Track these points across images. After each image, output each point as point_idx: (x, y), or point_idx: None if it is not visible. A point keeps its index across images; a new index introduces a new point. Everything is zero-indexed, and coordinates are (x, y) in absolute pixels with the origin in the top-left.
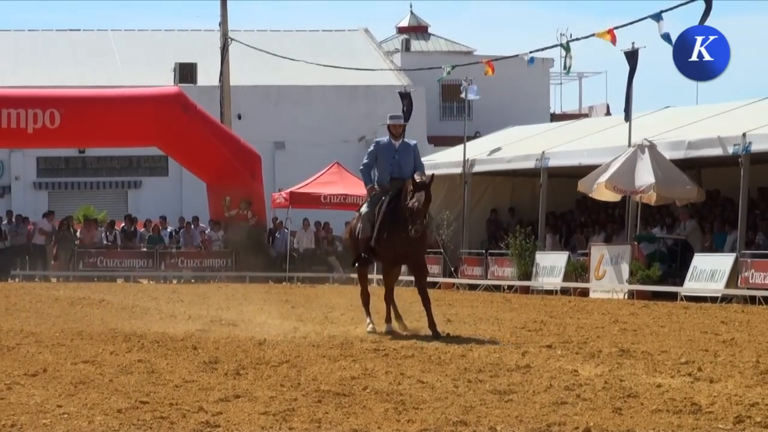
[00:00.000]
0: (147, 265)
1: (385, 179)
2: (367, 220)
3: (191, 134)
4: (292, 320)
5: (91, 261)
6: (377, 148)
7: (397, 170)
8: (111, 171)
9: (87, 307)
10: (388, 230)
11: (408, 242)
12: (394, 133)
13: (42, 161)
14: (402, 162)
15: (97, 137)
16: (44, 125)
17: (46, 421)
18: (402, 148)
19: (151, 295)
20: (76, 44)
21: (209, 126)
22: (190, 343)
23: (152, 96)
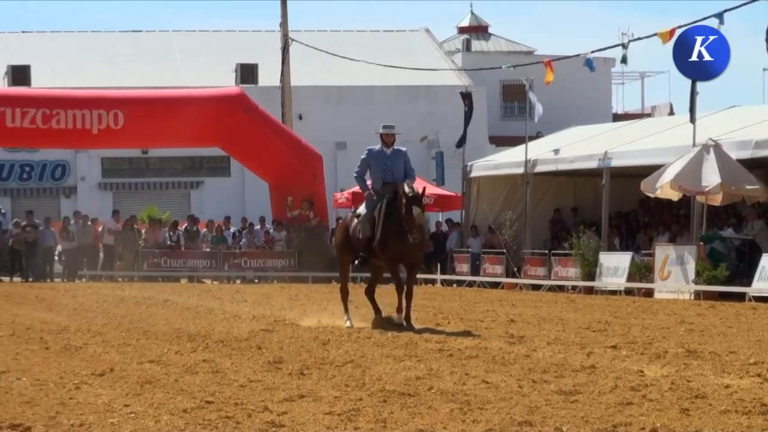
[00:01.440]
0: (210, 265)
1: (378, 184)
2: (366, 221)
3: (253, 134)
4: (355, 320)
5: (155, 261)
6: (369, 156)
7: (389, 175)
8: (174, 171)
9: (152, 307)
10: (389, 233)
11: (408, 244)
12: (386, 142)
13: (106, 162)
14: (393, 168)
15: (159, 138)
16: (108, 126)
17: (114, 420)
18: (393, 154)
19: (215, 295)
20: (139, 45)
21: (271, 126)
22: (255, 342)
23: (214, 96)
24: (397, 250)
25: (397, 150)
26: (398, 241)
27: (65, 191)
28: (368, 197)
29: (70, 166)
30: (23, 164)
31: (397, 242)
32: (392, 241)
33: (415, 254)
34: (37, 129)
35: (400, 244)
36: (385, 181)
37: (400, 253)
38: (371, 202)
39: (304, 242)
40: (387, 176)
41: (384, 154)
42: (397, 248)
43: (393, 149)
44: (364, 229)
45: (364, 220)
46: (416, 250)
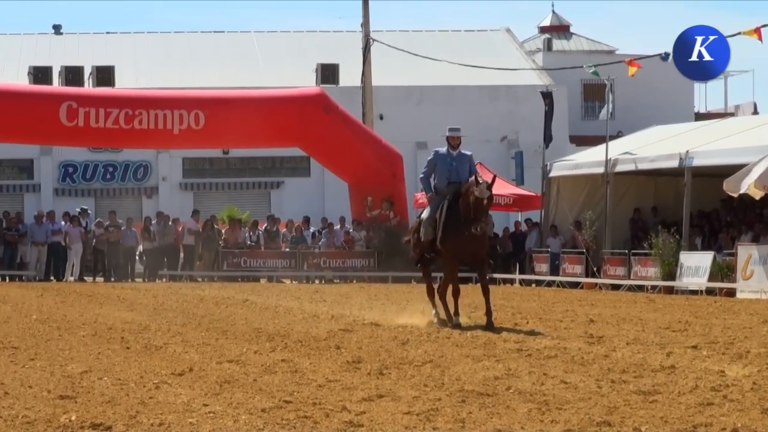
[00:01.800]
0: (289, 265)
1: (442, 183)
2: (429, 224)
3: (333, 135)
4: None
5: (234, 261)
6: (436, 158)
7: (454, 175)
8: (254, 171)
9: (231, 307)
10: (451, 230)
11: (470, 239)
12: (452, 144)
13: (187, 162)
14: (459, 168)
15: (240, 138)
16: (189, 126)
17: (193, 420)
18: (459, 157)
19: (294, 295)
20: (220, 45)
21: (351, 126)
22: (333, 342)
23: (295, 97)
24: (458, 243)
25: (462, 153)
26: (459, 234)
27: (147, 191)
28: (431, 199)
29: (151, 166)
30: (106, 164)
31: (458, 236)
32: (453, 235)
33: (476, 250)
34: (120, 129)
35: (460, 238)
36: (450, 181)
37: (461, 246)
38: (434, 203)
39: (383, 242)
40: (452, 177)
41: (450, 155)
42: (457, 241)
43: (459, 152)
44: (426, 232)
45: (426, 223)
46: (478, 245)
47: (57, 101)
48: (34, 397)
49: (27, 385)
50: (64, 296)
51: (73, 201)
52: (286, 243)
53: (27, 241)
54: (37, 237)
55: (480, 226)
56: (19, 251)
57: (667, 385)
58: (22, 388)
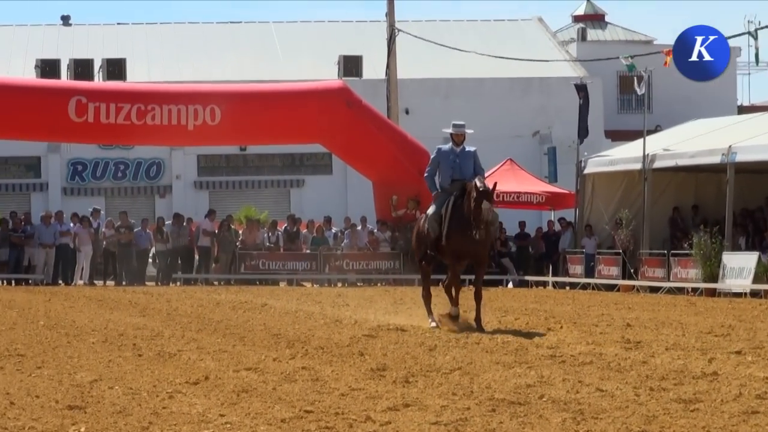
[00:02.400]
0: (310, 268)
1: (446, 181)
2: (434, 220)
3: (356, 130)
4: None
5: (252, 263)
6: (439, 155)
7: (458, 172)
8: (272, 169)
9: (249, 312)
10: (455, 229)
11: (473, 240)
12: (456, 141)
13: (203, 160)
14: (462, 165)
15: (258, 134)
16: (204, 122)
17: (209, 431)
18: (462, 153)
19: (315, 299)
20: (237, 37)
21: (375, 121)
22: (357, 349)
23: (315, 90)
24: (460, 245)
25: (467, 149)
26: (461, 236)
27: (160, 190)
28: (436, 196)
29: (165, 164)
30: (117, 162)
31: (460, 237)
32: (456, 235)
33: (478, 251)
34: (132, 125)
35: (463, 240)
36: (454, 179)
37: (463, 248)
38: (439, 199)
39: (410, 243)
40: (456, 174)
41: (453, 152)
42: (459, 243)
43: (463, 148)
44: (432, 228)
45: (431, 218)
46: (480, 247)
47: (65, 96)
48: (42, 408)
49: (34, 395)
50: (73, 301)
51: (83, 201)
52: (307, 244)
53: (34, 243)
54: (45, 239)
55: (479, 233)
56: (26, 254)
57: (709, 393)
58: (29, 398)
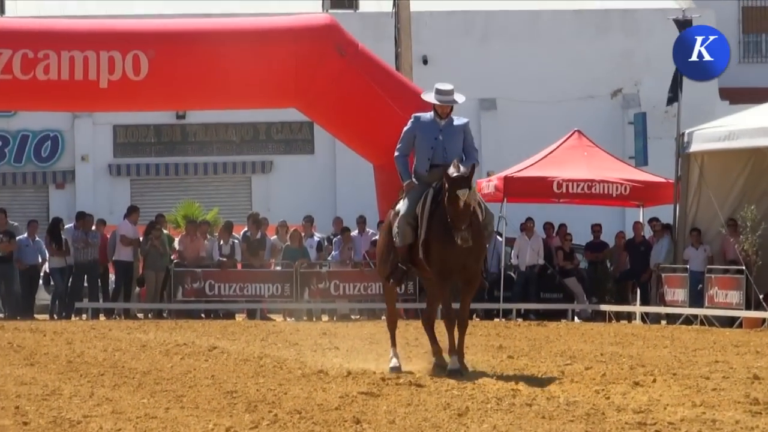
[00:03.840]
0: (282, 293)
1: (423, 167)
2: (406, 223)
3: (350, 89)
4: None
5: (195, 287)
6: (415, 128)
7: (440, 155)
8: (225, 147)
9: (190, 359)
10: (437, 234)
11: (463, 250)
12: (440, 112)
13: (121, 132)
14: (447, 144)
15: (204, 94)
16: (124, 76)
17: None
18: (448, 127)
19: (289, 339)
20: None
21: (377, 76)
22: (350, 414)
23: (291, 29)
24: (444, 257)
25: (455, 123)
26: (445, 244)
27: (56, 178)
28: (409, 188)
29: (63, 138)
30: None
31: (444, 247)
32: (437, 244)
33: (468, 264)
34: (14, 81)
35: (447, 250)
36: (434, 164)
37: (448, 262)
38: (414, 194)
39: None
40: (437, 157)
41: (435, 125)
42: (443, 255)
43: (450, 121)
44: (403, 233)
45: (403, 220)
46: (470, 258)
47: None
48: None
49: None
50: None
51: None
52: (277, 258)
53: None
54: None
55: (461, 237)
56: None
57: None
58: None
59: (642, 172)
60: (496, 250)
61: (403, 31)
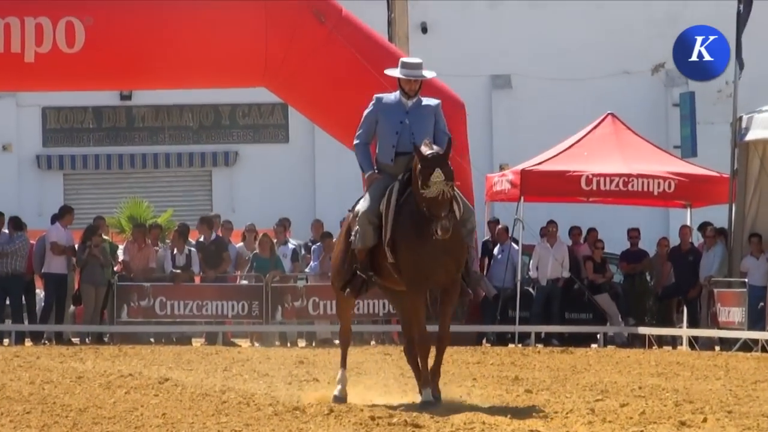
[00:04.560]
0: (250, 312)
1: (387, 156)
2: (368, 222)
3: (331, 63)
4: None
5: (143, 305)
6: (377, 109)
7: (407, 140)
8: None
9: (136, 393)
10: (406, 233)
11: (440, 250)
12: (406, 90)
13: (52, 117)
14: (415, 128)
15: (154, 70)
16: (56, 48)
17: None
18: (416, 108)
19: (257, 368)
20: None
21: (366, 47)
22: None
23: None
24: (417, 260)
25: (423, 103)
26: (417, 245)
27: None
28: (371, 180)
29: None
30: None
31: (416, 247)
32: (407, 245)
33: (448, 267)
34: None
35: (420, 251)
36: (399, 152)
37: (422, 266)
38: (376, 187)
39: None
40: (403, 143)
41: (401, 106)
42: (416, 258)
43: (418, 101)
44: (363, 234)
45: (363, 218)
46: (448, 260)
47: None
48: None
49: None
50: None
51: None
52: (243, 269)
53: None
54: None
55: (441, 226)
56: None
57: None
58: None
59: (690, 165)
60: (512, 260)
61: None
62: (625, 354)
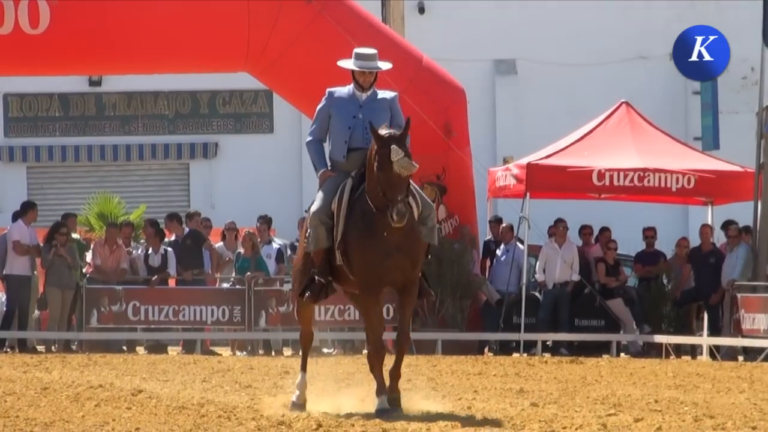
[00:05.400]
0: (230, 318)
1: (339, 152)
2: (319, 223)
3: (319, 46)
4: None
5: (114, 310)
6: (330, 104)
7: (360, 136)
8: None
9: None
10: (359, 232)
11: (394, 246)
12: (360, 82)
13: (14, 104)
14: (369, 123)
15: (125, 53)
16: (17, 28)
17: None
18: (370, 102)
19: (239, 379)
20: None
21: (357, 29)
22: None
23: None
24: (370, 260)
25: (379, 96)
26: (369, 244)
27: None
28: (324, 178)
29: None
30: None
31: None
32: (359, 244)
33: (403, 267)
34: None
35: (373, 250)
36: (352, 147)
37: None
38: (328, 186)
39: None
40: (355, 139)
41: (354, 100)
42: (369, 257)
43: (373, 93)
44: (316, 235)
45: (315, 219)
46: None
47: None
48: None
49: None
50: None
51: None
52: (224, 271)
53: None
54: None
55: (396, 211)
56: None
57: None
58: None
59: (711, 159)
60: (516, 261)
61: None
62: (640, 364)
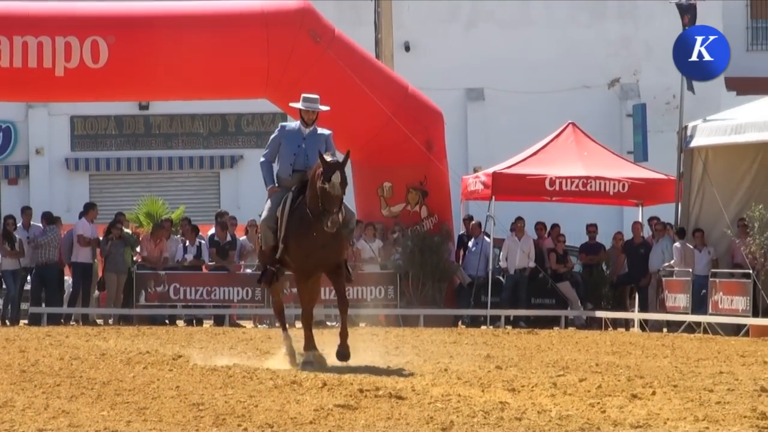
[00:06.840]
0: (253, 297)
1: (285, 171)
2: (267, 227)
3: (325, 78)
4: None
5: (159, 291)
6: (281, 136)
7: (302, 161)
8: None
9: (153, 369)
10: (296, 232)
11: (321, 243)
12: (305, 119)
13: (79, 124)
14: (309, 152)
15: (168, 83)
16: (82, 63)
17: None
18: (312, 135)
19: (260, 346)
20: None
21: (356, 64)
22: (326, 429)
23: (262, 14)
24: (304, 253)
25: (318, 131)
26: (304, 241)
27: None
28: (272, 192)
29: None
30: None
31: (303, 243)
32: (296, 242)
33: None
34: None
35: (306, 246)
36: (295, 169)
37: (307, 257)
38: (275, 197)
39: (411, 258)
40: (298, 163)
41: (299, 133)
42: (303, 251)
43: (314, 130)
44: (265, 237)
45: (264, 224)
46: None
47: None
48: None
49: None
50: None
51: None
52: (247, 259)
53: None
54: None
55: (331, 220)
56: None
57: None
58: None
59: (641, 169)
60: (484, 251)
61: (383, 15)
62: (584, 335)
